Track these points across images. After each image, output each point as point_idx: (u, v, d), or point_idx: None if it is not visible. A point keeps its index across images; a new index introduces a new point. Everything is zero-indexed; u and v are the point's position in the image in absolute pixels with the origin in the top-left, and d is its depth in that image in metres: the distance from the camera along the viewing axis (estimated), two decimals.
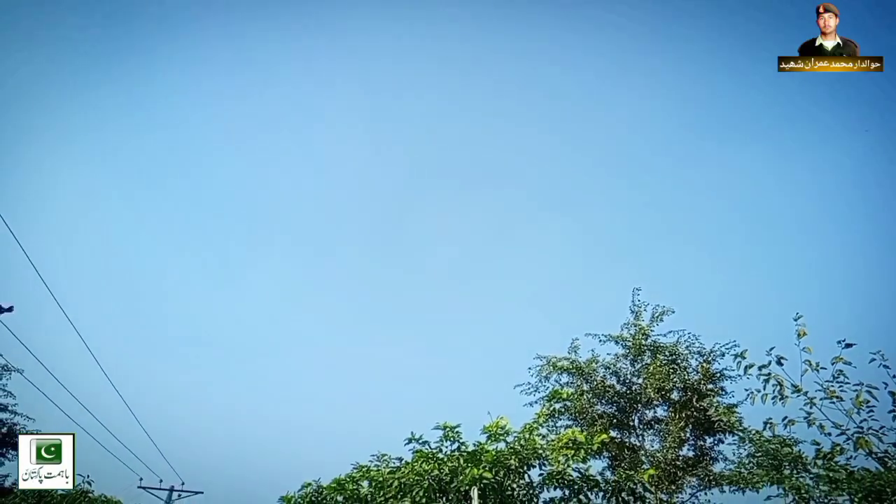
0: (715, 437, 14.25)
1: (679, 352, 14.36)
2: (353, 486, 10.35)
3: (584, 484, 10.22)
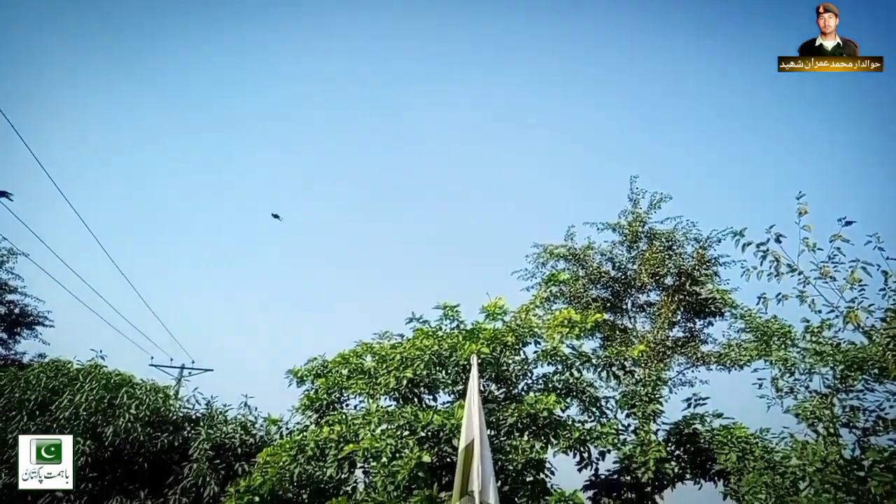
0: (705, 320, 14.83)
1: (675, 238, 14.59)
2: (356, 360, 10.83)
3: (577, 359, 10.73)
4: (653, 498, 9.62)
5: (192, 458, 9.71)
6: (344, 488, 9.23)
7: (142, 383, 11.09)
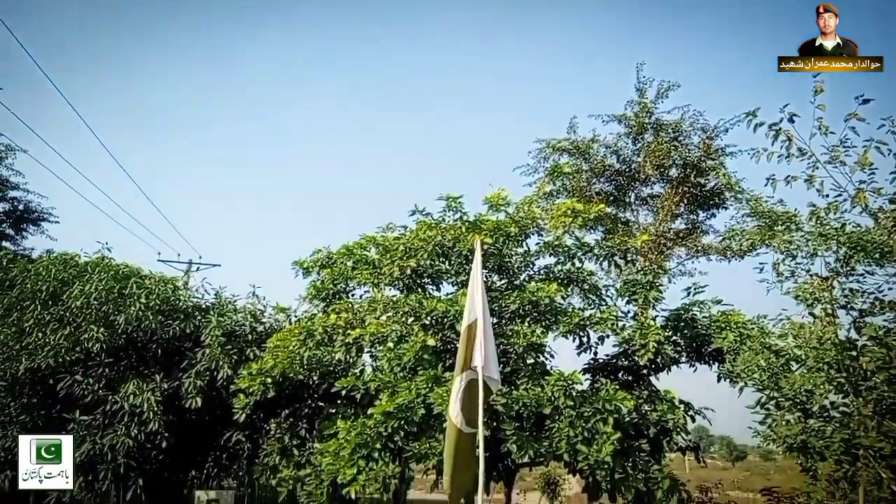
0: (708, 212, 14.84)
1: (682, 129, 14.28)
2: (361, 251, 10.94)
3: (579, 250, 10.84)
4: (648, 380, 10.03)
5: (204, 344, 10.03)
6: (352, 371, 9.59)
7: (150, 274, 11.26)
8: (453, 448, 5.28)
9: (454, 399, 5.15)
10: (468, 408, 5.23)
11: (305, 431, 9.75)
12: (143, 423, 9.12)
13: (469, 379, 5.23)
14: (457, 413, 5.12)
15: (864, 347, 5.63)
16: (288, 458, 9.49)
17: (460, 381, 5.17)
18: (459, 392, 5.14)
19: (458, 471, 5.58)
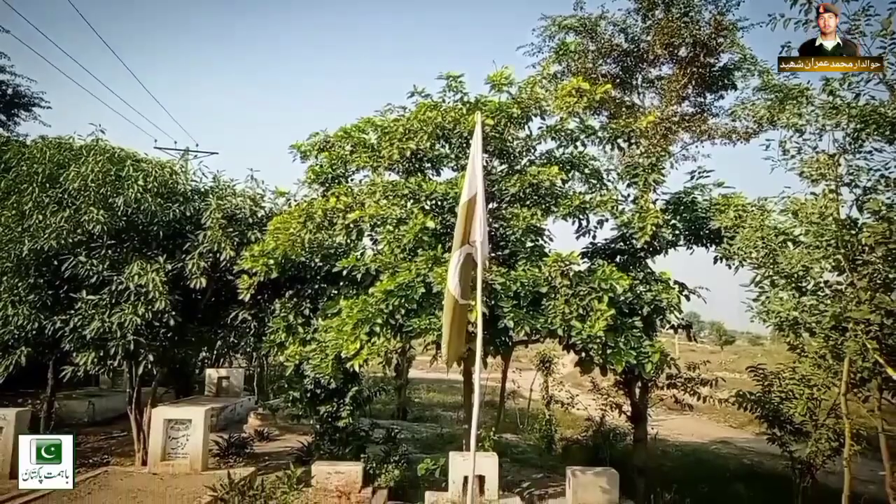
0: (716, 94, 14.39)
1: (693, 3, 13.52)
2: (359, 134, 10.70)
3: (582, 133, 10.61)
4: (645, 262, 10.15)
5: (205, 227, 10.06)
6: (353, 253, 9.69)
7: (147, 157, 11.09)
8: (450, 317, 5.45)
9: (452, 272, 5.22)
10: (465, 281, 5.32)
11: (309, 311, 10.01)
12: (150, 302, 9.33)
13: (466, 253, 5.28)
14: (455, 285, 5.22)
15: (864, 224, 5.62)
16: (293, 335, 9.82)
17: (459, 256, 5.22)
18: (458, 266, 5.21)
19: (454, 338, 5.81)
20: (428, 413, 20.44)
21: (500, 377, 15.63)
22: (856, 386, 6.77)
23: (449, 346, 6.01)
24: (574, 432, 16.20)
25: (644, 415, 12.04)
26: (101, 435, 13.99)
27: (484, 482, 8.92)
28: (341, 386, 10.47)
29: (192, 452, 9.65)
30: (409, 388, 22.05)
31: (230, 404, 16.65)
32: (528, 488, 11.01)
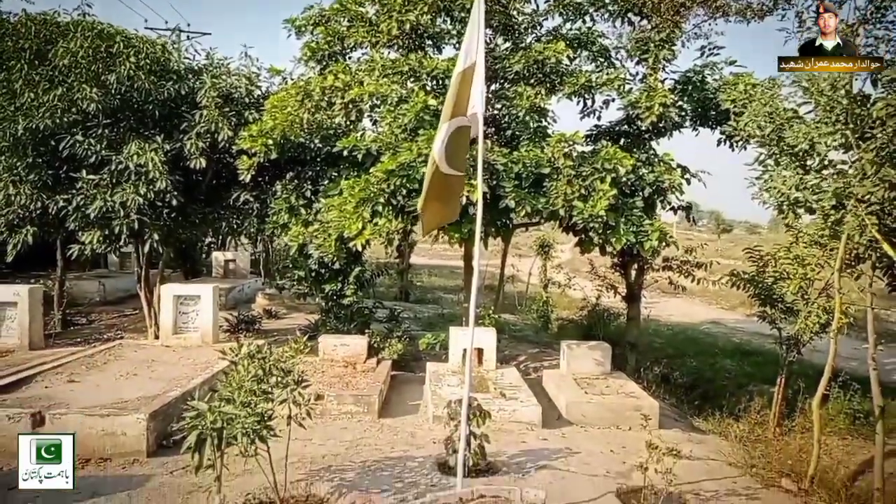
0: None
1: None
2: (355, 6, 10.19)
3: (591, 6, 10.11)
4: (649, 144, 10.03)
5: (201, 106, 9.86)
6: (353, 134, 9.56)
7: (138, 34, 10.64)
8: (430, 183, 5.38)
9: (439, 139, 5.10)
10: (452, 151, 5.21)
11: (311, 193, 10.03)
12: (151, 182, 9.33)
13: (459, 125, 5.14)
14: (439, 151, 5.10)
15: (877, 98, 5.48)
16: (296, 217, 9.90)
17: (448, 126, 5.07)
18: (446, 135, 5.08)
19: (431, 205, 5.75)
20: (429, 296, 21.06)
21: (500, 262, 15.99)
22: (850, 266, 6.91)
23: (424, 213, 6.00)
24: (570, 313, 16.77)
25: (638, 295, 12.39)
26: (114, 313, 14.53)
27: (482, 354, 9.37)
28: (345, 266, 10.71)
29: (203, 327, 10.06)
30: (412, 272, 22.57)
31: (238, 285, 17.13)
32: (523, 361, 11.58)
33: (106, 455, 6.14)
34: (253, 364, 5.07)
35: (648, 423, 6.89)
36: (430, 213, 6.05)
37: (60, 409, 6.38)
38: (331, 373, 8.86)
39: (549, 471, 6.25)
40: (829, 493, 6.15)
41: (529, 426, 7.60)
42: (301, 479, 5.71)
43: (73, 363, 8.36)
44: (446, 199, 5.91)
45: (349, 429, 7.41)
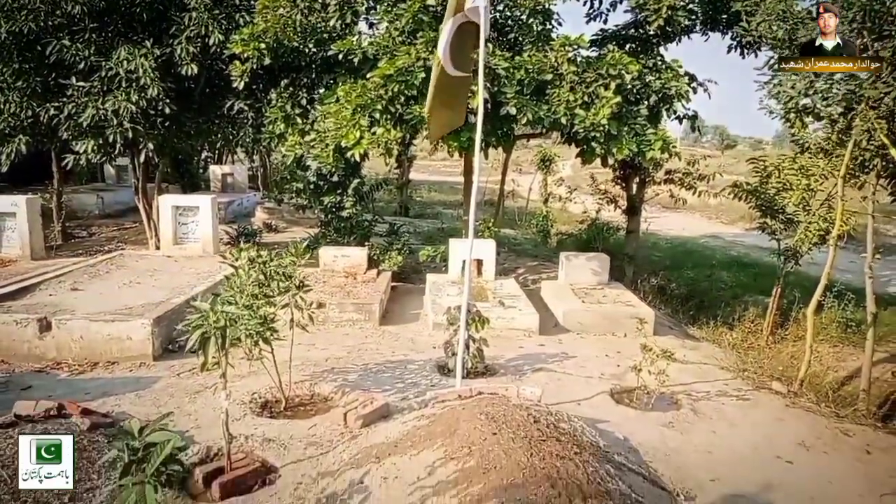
0: None
1: None
2: None
3: None
4: (657, 49, 9.68)
5: (190, 8, 9.43)
6: (349, 37, 9.18)
7: None
8: (436, 88, 5.22)
9: (443, 39, 4.89)
10: (457, 51, 5.00)
11: (307, 101, 9.76)
12: (142, 89, 9.07)
13: (462, 22, 4.90)
14: (444, 51, 4.90)
15: None
16: (292, 126, 9.68)
17: (452, 24, 4.84)
18: (450, 33, 4.86)
19: (437, 110, 5.63)
20: (429, 211, 21.02)
21: (500, 177, 15.84)
22: (854, 176, 6.83)
23: (431, 119, 5.87)
24: (570, 228, 16.79)
25: (639, 209, 12.36)
26: (114, 226, 14.54)
27: (482, 265, 9.44)
28: (343, 178, 10.62)
29: (203, 237, 10.08)
30: (411, 188, 22.41)
31: (236, 199, 17.05)
32: (522, 274, 11.70)
33: (113, 359, 6.31)
34: (254, 268, 5.10)
35: (644, 326, 7.03)
36: (437, 118, 5.92)
37: (65, 314, 6.49)
38: (332, 283, 8.95)
39: (546, 373, 6.43)
40: (818, 395, 6.36)
41: (527, 333, 7.77)
42: (305, 379, 5.88)
43: (75, 272, 8.43)
44: (453, 103, 5.74)
45: (351, 335, 7.58)
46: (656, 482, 4.14)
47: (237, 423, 4.88)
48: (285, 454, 4.53)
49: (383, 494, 3.61)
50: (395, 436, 4.37)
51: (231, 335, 4.26)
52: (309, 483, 4.14)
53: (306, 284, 5.56)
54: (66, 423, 4.47)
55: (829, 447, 5.13)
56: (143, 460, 2.94)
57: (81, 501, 3.72)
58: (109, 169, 19.29)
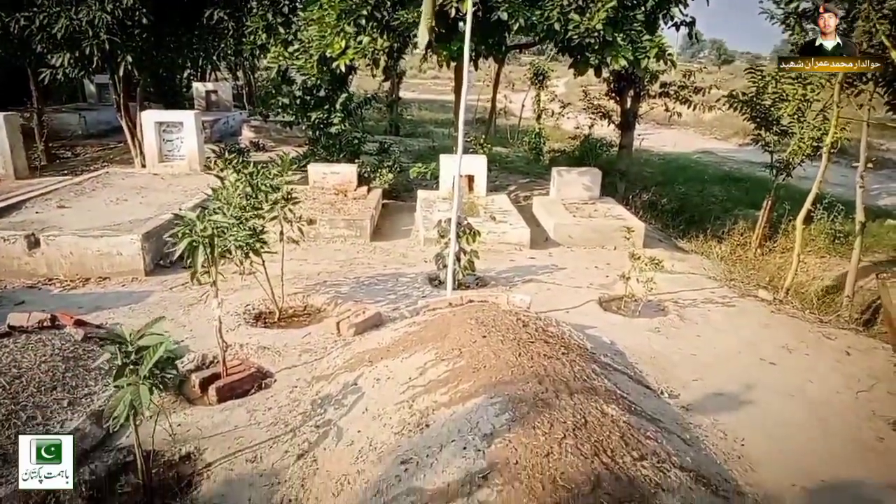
0: None
1: None
2: None
3: None
4: None
5: None
6: None
7: None
8: None
9: None
10: None
11: (289, 10, 9.34)
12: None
13: None
14: None
15: None
16: (274, 36, 9.31)
17: None
18: None
19: None
20: (420, 130, 20.61)
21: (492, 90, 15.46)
22: (851, 84, 6.69)
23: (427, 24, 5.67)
24: (562, 145, 16.58)
25: (632, 123, 12.18)
26: (98, 147, 14.21)
27: (473, 181, 9.35)
28: (330, 93, 10.31)
29: (189, 154, 9.88)
30: (401, 106, 21.86)
31: (222, 117, 16.63)
32: (514, 191, 11.63)
33: (104, 274, 6.31)
34: (240, 180, 5.03)
35: (632, 235, 7.05)
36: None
37: (53, 231, 6.43)
38: (322, 200, 8.87)
39: (536, 284, 6.51)
40: (803, 303, 6.49)
41: (518, 247, 7.80)
42: (298, 292, 5.93)
43: (61, 191, 8.30)
44: None
45: (342, 251, 7.58)
46: (641, 381, 4.27)
47: (231, 333, 4.95)
48: (280, 361, 4.62)
49: (376, 394, 3.71)
50: (388, 341, 4.45)
51: (220, 246, 4.25)
52: (304, 386, 4.24)
53: (294, 197, 5.51)
54: (59, 334, 4.51)
55: (812, 350, 5.28)
56: (137, 363, 2.98)
57: (80, 406, 3.82)
58: (90, 87, 18.65)
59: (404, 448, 3.06)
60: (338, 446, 3.36)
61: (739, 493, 3.23)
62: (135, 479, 3.30)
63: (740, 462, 3.58)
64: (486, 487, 2.56)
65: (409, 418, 3.31)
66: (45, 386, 3.87)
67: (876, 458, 3.76)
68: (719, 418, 4.02)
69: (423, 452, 2.95)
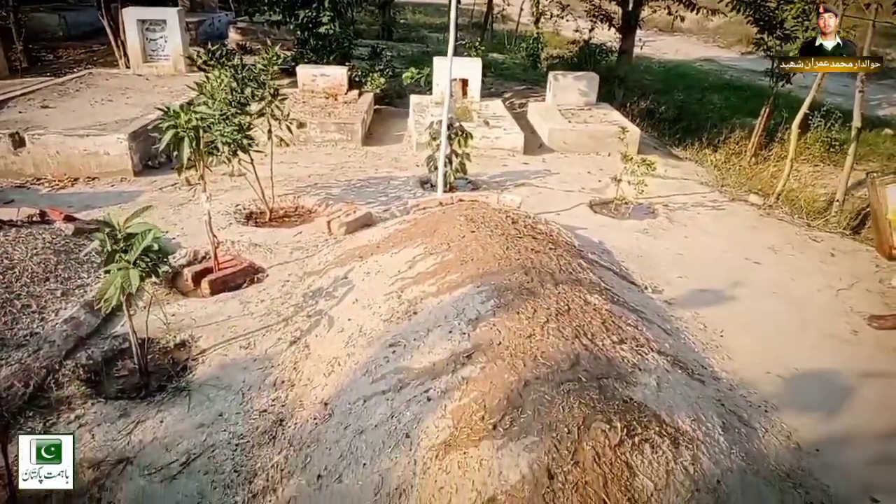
0: None
1: None
2: None
3: None
4: None
5: None
6: None
7: None
8: None
9: None
10: None
11: None
12: None
13: None
14: None
15: None
16: None
17: None
18: None
19: None
20: (414, 34, 19.85)
21: None
22: None
23: None
24: (561, 51, 16.04)
25: (634, 26, 11.76)
26: (81, 49, 13.67)
27: (467, 85, 9.12)
28: None
29: (174, 55, 9.53)
30: (394, 9, 20.93)
31: (207, 18, 15.92)
32: (510, 98, 11.37)
33: (93, 174, 6.25)
34: (225, 73, 4.89)
35: (626, 135, 6.97)
36: None
37: (38, 129, 6.30)
38: (312, 103, 8.66)
39: (528, 187, 6.50)
40: (792, 208, 6.52)
41: (511, 152, 7.72)
42: (288, 193, 5.91)
43: (44, 91, 8.06)
44: None
45: (333, 154, 7.49)
46: (626, 277, 4.36)
47: (223, 231, 4.97)
48: (271, 257, 4.67)
49: (366, 286, 3.78)
50: (378, 238, 4.49)
51: (206, 141, 4.19)
52: (295, 281, 4.31)
53: (281, 93, 5.38)
54: (49, 229, 4.52)
55: (797, 251, 5.36)
56: (126, 250, 3.01)
57: (73, 296, 3.89)
58: None
59: (393, 333, 3.15)
60: (329, 333, 3.46)
61: (715, 378, 3.38)
62: (131, 364, 3.41)
63: (718, 351, 3.71)
64: (469, 365, 2.66)
65: (397, 307, 3.39)
66: (38, 277, 3.92)
67: (849, 349, 3.91)
68: (700, 312, 4.14)
69: (411, 336, 3.04)
